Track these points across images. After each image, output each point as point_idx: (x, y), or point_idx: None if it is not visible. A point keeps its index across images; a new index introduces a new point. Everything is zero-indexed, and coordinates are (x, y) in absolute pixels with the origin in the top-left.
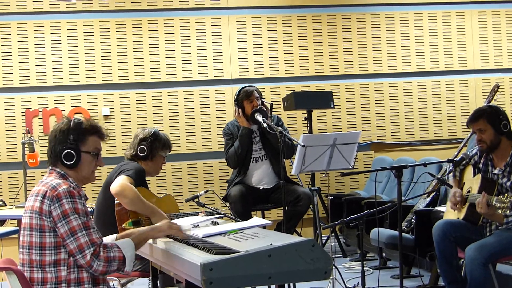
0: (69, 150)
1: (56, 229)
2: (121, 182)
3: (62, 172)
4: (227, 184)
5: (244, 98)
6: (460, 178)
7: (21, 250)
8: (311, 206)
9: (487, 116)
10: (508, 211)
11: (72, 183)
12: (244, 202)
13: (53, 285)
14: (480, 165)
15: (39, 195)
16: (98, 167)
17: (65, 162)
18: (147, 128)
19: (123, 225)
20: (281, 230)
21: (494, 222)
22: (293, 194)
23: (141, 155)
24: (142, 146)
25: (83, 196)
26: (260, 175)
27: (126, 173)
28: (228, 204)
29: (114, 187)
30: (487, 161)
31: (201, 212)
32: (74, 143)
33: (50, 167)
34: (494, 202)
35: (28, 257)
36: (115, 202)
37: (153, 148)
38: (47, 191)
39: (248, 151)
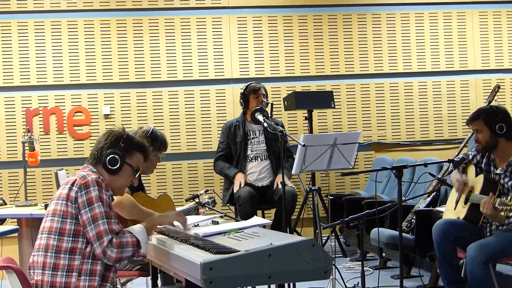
0: (115, 156)
1: (79, 216)
2: None
3: (94, 170)
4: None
5: (251, 92)
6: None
7: (39, 236)
8: (310, 204)
9: (484, 117)
10: (510, 214)
11: (101, 178)
12: (253, 203)
13: (64, 272)
14: (483, 165)
15: (69, 183)
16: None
17: (108, 166)
18: (143, 127)
19: None
20: (280, 230)
21: (495, 222)
22: (278, 194)
23: None
24: None
25: (110, 191)
26: (258, 173)
27: None
28: (235, 206)
29: None
30: (489, 161)
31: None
32: (122, 152)
33: (85, 164)
34: (496, 205)
35: (45, 242)
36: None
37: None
38: (76, 179)
39: (243, 154)
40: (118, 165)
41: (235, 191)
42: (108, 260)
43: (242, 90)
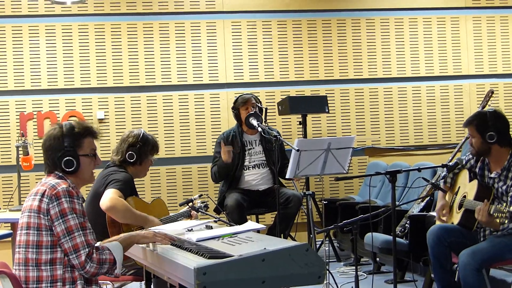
0: (68, 157)
1: (53, 228)
2: (110, 197)
3: (61, 175)
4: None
5: (241, 105)
6: (454, 182)
7: (17, 249)
8: (304, 208)
9: (476, 124)
10: (506, 221)
11: (71, 184)
12: (240, 211)
13: (49, 284)
14: (477, 170)
15: (38, 194)
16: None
17: (66, 169)
18: (134, 130)
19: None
20: (273, 235)
21: (489, 227)
22: (283, 197)
23: (130, 161)
24: (130, 153)
25: (81, 198)
26: (256, 179)
27: (115, 186)
28: (223, 212)
29: (104, 203)
30: (484, 166)
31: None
32: (71, 149)
33: (45, 173)
34: (491, 212)
35: (24, 256)
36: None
37: (142, 153)
38: (46, 190)
39: (238, 165)
40: (75, 165)
41: (224, 159)
42: (85, 274)
43: (233, 104)
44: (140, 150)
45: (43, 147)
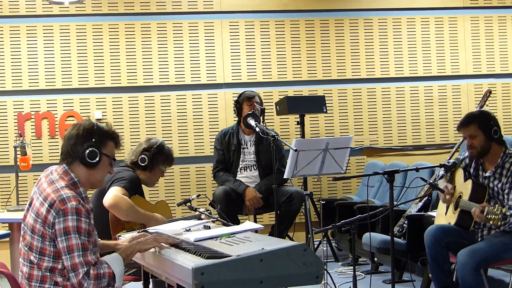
0: (93, 149)
1: (56, 242)
2: (114, 194)
3: (75, 180)
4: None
5: (245, 100)
6: (452, 179)
7: (22, 244)
8: (302, 208)
9: (478, 122)
10: (499, 223)
11: (82, 193)
12: (229, 201)
13: (52, 286)
14: (471, 169)
15: (47, 201)
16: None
17: (88, 160)
18: (153, 138)
19: (117, 235)
20: (272, 234)
21: (486, 227)
22: (285, 194)
23: (141, 164)
24: (143, 156)
25: (90, 210)
26: (247, 182)
27: (120, 183)
28: (214, 207)
29: (107, 200)
30: (478, 165)
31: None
32: (96, 144)
33: (65, 167)
34: (485, 213)
35: (27, 256)
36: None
37: (154, 160)
38: (56, 201)
39: (233, 163)
40: (97, 158)
41: (245, 198)
42: None
43: (236, 98)
44: (153, 157)
45: (68, 135)
